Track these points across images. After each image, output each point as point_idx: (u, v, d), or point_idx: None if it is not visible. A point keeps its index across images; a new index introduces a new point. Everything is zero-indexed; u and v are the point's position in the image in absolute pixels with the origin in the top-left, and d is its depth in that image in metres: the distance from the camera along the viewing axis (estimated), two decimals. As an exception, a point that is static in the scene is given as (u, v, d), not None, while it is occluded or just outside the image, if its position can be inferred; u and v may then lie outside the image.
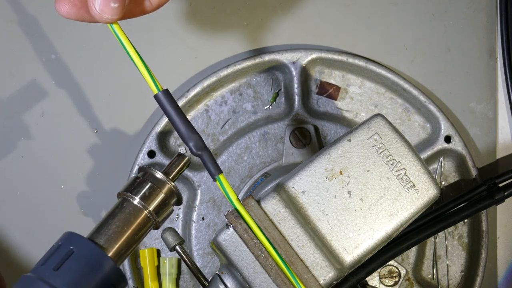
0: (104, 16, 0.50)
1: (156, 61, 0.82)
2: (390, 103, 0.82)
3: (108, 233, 0.50)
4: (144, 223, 0.52)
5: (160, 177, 0.53)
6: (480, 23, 0.84)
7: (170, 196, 0.53)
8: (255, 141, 0.81)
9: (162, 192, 0.53)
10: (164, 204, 0.53)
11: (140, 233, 0.51)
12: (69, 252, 0.48)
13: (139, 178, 0.53)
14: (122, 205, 0.52)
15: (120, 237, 0.50)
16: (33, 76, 0.82)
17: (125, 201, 0.52)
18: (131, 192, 0.52)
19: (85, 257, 0.48)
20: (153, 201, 0.52)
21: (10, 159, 0.81)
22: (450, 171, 0.82)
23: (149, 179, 0.53)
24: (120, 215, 0.51)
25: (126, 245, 0.51)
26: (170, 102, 0.52)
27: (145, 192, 0.52)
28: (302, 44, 0.83)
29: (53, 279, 0.46)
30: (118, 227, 0.50)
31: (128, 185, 0.53)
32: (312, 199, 0.56)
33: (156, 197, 0.52)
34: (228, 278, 0.57)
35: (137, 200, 0.52)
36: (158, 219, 0.53)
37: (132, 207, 0.52)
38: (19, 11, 0.82)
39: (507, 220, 0.82)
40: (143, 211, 0.52)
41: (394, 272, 0.77)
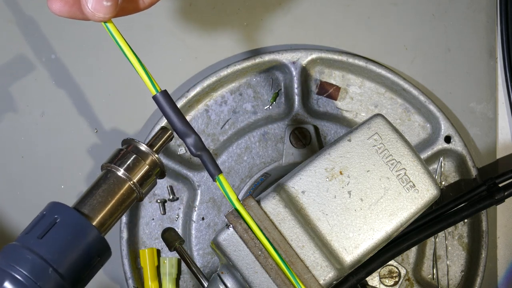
0: (96, 15, 0.50)
1: (156, 61, 0.82)
2: (390, 103, 0.82)
3: (92, 203, 0.50)
4: (128, 194, 0.52)
5: (144, 149, 0.53)
6: (480, 23, 0.84)
7: (154, 168, 0.53)
8: (255, 141, 0.81)
9: (146, 164, 0.53)
10: (148, 176, 0.53)
11: (124, 203, 0.52)
12: (53, 221, 0.48)
13: (123, 149, 0.53)
14: (106, 176, 0.52)
15: (104, 207, 0.50)
16: (33, 76, 0.82)
17: (109, 172, 0.52)
18: (115, 164, 0.52)
19: (70, 225, 0.48)
20: (137, 173, 0.52)
21: (10, 159, 0.81)
22: (450, 171, 0.82)
23: (133, 151, 0.53)
24: (104, 185, 0.51)
25: (110, 215, 0.51)
26: (169, 103, 0.52)
27: (129, 163, 0.52)
28: (302, 44, 0.83)
29: (38, 247, 0.46)
30: (102, 197, 0.50)
31: (112, 156, 0.53)
32: (312, 199, 0.56)
33: (140, 168, 0.53)
34: (228, 278, 0.57)
35: (122, 171, 0.52)
36: (142, 190, 0.53)
37: (116, 178, 0.52)
38: (19, 11, 0.82)
39: (507, 220, 0.82)
40: (127, 182, 0.52)
41: (394, 272, 0.77)
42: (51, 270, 0.46)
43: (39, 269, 0.45)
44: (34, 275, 0.45)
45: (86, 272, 0.48)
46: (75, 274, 0.47)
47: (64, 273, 0.46)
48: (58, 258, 0.46)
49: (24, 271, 0.45)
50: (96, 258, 0.49)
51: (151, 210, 0.80)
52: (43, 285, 0.45)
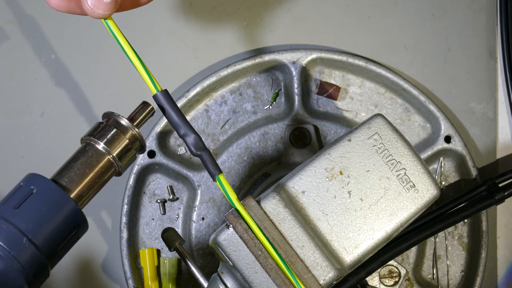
0: (96, 12, 0.50)
1: (156, 61, 0.82)
2: (390, 103, 0.82)
3: (70, 175, 0.50)
4: (107, 167, 0.51)
5: (124, 124, 0.53)
6: (480, 23, 0.84)
7: (133, 142, 0.53)
8: (255, 141, 0.81)
9: (126, 138, 0.52)
10: (127, 150, 0.52)
11: (102, 177, 0.51)
12: (29, 191, 0.47)
13: (103, 123, 0.53)
14: (85, 149, 0.52)
15: (82, 179, 0.50)
16: (33, 76, 0.82)
17: (88, 145, 0.52)
18: (95, 137, 0.52)
19: (46, 196, 0.47)
20: (116, 147, 0.52)
21: (10, 159, 0.81)
22: (450, 171, 0.82)
23: (113, 124, 0.53)
24: (83, 158, 0.51)
25: (88, 188, 0.50)
26: (169, 102, 0.52)
27: (109, 137, 0.52)
28: (302, 44, 0.83)
29: (13, 217, 0.46)
30: (80, 169, 0.50)
31: (92, 130, 0.53)
32: (312, 199, 0.56)
33: (120, 142, 0.52)
34: (228, 278, 0.57)
35: (101, 145, 0.51)
36: (121, 164, 0.52)
37: (95, 151, 0.51)
38: (19, 11, 0.82)
39: (507, 220, 0.82)
40: (106, 156, 0.51)
41: (394, 272, 0.77)
42: (25, 240, 0.45)
43: (14, 239, 0.45)
44: (8, 245, 0.44)
45: (62, 244, 0.47)
46: (51, 245, 0.46)
47: (39, 243, 0.45)
48: (33, 229, 0.46)
49: None
50: (72, 230, 0.48)
51: (151, 210, 0.80)
52: (18, 255, 0.44)
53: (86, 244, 0.81)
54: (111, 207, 0.81)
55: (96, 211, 0.81)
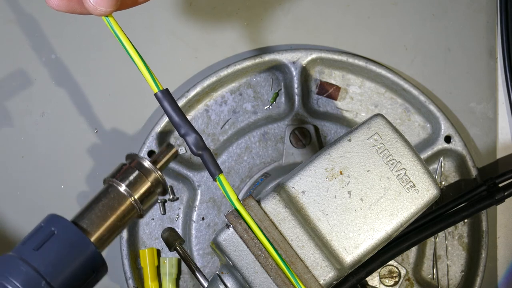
0: (98, 9, 0.49)
1: (156, 61, 0.82)
2: (390, 103, 0.82)
3: (91, 218, 0.50)
4: (129, 210, 0.51)
5: (148, 166, 0.53)
6: (480, 23, 0.84)
7: (156, 185, 0.53)
8: (255, 141, 0.81)
9: (148, 181, 0.52)
10: (149, 193, 0.52)
11: (123, 220, 0.51)
12: (50, 233, 0.47)
13: (126, 165, 0.53)
14: (107, 190, 0.51)
15: (103, 222, 0.50)
16: (33, 76, 0.82)
17: (111, 187, 0.51)
18: (117, 179, 0.52)
19: (66, 238, 0.47)
20: (138, 189, 0.52)
21: (10, 159, 0.81)
22: (450, 171, 0.82)
23: (136, 166, 0.53)
24: (105, 200, 0.51)
25: (108, 231, 0.50)
26: (170, 102, 0.52)
27: (131, 179, 0.52)
28: (302, 44, 0.83)
29: (32, 258, 0.46)
30: (102, 212, 0.50)
31: (115, 171, 0.53)
32: (312, 199, 0.56)
33: (142, 185, 0.52)
34: (228, 278, 0.57)
35: (123, 187, 0.51)
36: (143, 207, 0.52)
37: (117, 194, 0.51)
38: (19, 11, 0.82)
39: (507, 220, 0.82)
40: (128, 198, 0.51)
41: (394, 272, 0.77)
42: (44, 283, 0.45)
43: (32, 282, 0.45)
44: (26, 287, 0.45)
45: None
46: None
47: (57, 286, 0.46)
48: (52, 271, 0.46)
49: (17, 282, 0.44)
50: (91, 274, 0.48)
51: (151, 210, 0.80)
52: None
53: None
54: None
55: (96, 211, 0.81)
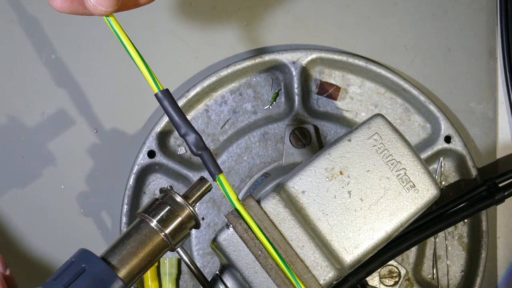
0: (98, 8, 0.49)
1: (156, 61, 0.82)
2: (390, 103, 0.82)
3: (121, 254, 0.50)
4: (160, 245, 0.52)
5: (179, 201, 0.53)
6: (480, 23, 0.84)
7: (188, 220, 0.53)
8: (255, 141, 0.81)
9: (179, 216, 0.52)
10: (181, 228, 0.52)
11: (154, 255, 0.51)
12: (81, 270, 0.48)
13: (158, 200, 0.53)
14: (139, 226, 0.52)
15: (133, 259, 0.50)
16: (33, 76, 0.82)
17: (142, 222, 0.52)
18: (149, 214, 0.52)
19: (96, 276, 0.48)
20: (170, 225, 0.52)
21: (10, 159, 0.81)
22: (450, 171, 0.82)
23: (168, 202, 0.53)
24: (136, 236, 0.51)
25: (138, 267, 0.50)
26: (170, 102, 0.52)
27: (163, 215, 0.52)
28: (302, 44, 0.83)
29: None
30: (133, 248, 0.50)
31: (147, 206, 0.53)
32: (312, 199, 0.56)
33: (173, 220, 0.52)
34: (228, 278, 0.57)
35: (154, 222, 0.52)
36: (174, 242, 0.52)
37: (149, 229, 0.51)
38: (19, 11, 0.82)
39: (507, 220, 0.82)
40: (159, 234, 0.51)
41: (394, 272, 0.77)
42: None
43: None
44: None
45: None
46: None
47: None
48: None
49: None
50: None
51: (151, 210, 0.80)
52: None
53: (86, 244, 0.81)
54: (111, 207, 0.81)
55: (96, 211, 0.81)
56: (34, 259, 0.81)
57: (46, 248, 0.81)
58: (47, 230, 0.81)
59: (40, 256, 0.81)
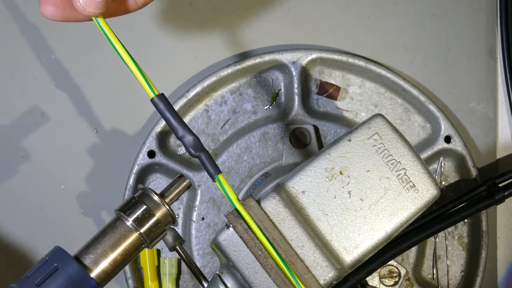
0: (87, 9, 0.50)
1: (156, 61, 0.82)
2: (390, 103, 0.82)
3: (95, 252, 0.50)
4: (135, 244, 0.52)
5: (156, 200, 0.53)
6: (480, 23, 0.84)
7: (164, 219, 0.53)
8: (255, 141, 0.81)
9: (155, 215, 0.53)
10: (156, 227, 0.53)
11: (129, 254, 0.51)
12: (53, 269, 0.48)
13: (135, 198, 0.53)
14: (115, 224, 0.52)
15: (107, 258, 0.50)
16: (33, 76, 0.82)
17: (118, 221, 0.52)
18: (125, 213, 0.52)
19: (68, 276, 0.48)
20: (145, 224, 0.52)
21: (10, 159, 0.81)
22: (450, 171, 0.82)
23: (144, 200, 0.53)
24: (111, 234, 0.51)
25: (112, 267, 0.51)
26: (166, 106, 0.52)
27: (138, 214, 0.52)
28: (302, 44, 0.83)
29: None
30: (107, 246, 0.51)
31: (124, 204, 0.53)
32: (312, 199, 0.56)
33: (149, 219, 0.52)
34: (228, 278, 0.57)
35: (130, 221, 0.52)
36: (149, 240, 0.52)
37: (124, 228, 0.52)
38: (19, 11, 0.82)
39: (507, 220, 0.82)
40: (134, 233, 0.52)
41: (394, 272, 0.77)
42: None
43: None
44: None
45: None
46: None
47: None
48: None
49: None
50: None
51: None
52: None
53: (86, 244, 0.81)
54: (111, 207, 0.81)
55: (96, 211, 0.81)
56: (35, 259, 0.81)
57: (46, 248, 0.81)
58: (47, 230, 0.81)
59: (40, 256, 0.81)
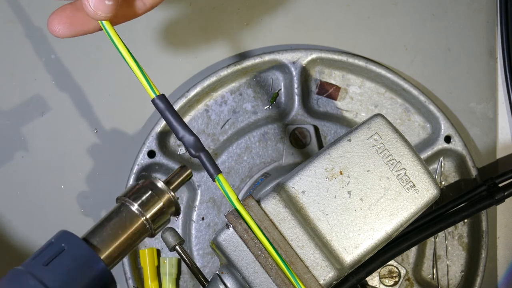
0: (98, 13, 0.51)
1: (156, 61, 0.82)
2: (390, 103, 0.82)
3: (102, 235, 0.50)
4: (140, 229, 0.52)
5: (161, 186, 0.53)
6: (480, 23, 0.84)
7: (169, 206, 0.53)
8: (255, 141, 0.81)
9: (161, 201, 0.53)
10: (161, 213, 0.53)
11: (134, 239, 0.51)
12: (60, 249, 0.48)
13: (139, 184, 0.53)
14: (120, 209, 0.52)
15: (113, 241, 0.50)
16: (33, 76, 0.82)
17: (123, 206, 0.52)
18: (130, 198, 0.52)
19: (76, 255, 0.47)
20: (150, 209, 0.52)
21: (10, 159, 0.81)
22: (450, 171, 0.82)
23: (149, 186, 0.53)
24: (116, 219, 0.51)
25: (118, 249, 0.50)
26: (167, 106, 0.52)
27: (144, 199, 0.52)
28: (302, 44, 0.83)
29: (41, 273, 0.46)
30: (113, 230, 0.50)
31: (128, 190, 0.53)
32: (312, 199, 0.56)
33: (154, 205, 0.52)
34: (228, 278, 0.57)
35: (135, 206, 0.52)
36: (154, 227, 0.52)
37: (129, 213, 0.51)
38: (19, 11, 0.82)
39: (507, 220, 0.82)
40: (139, 218, 0.51)
41: (394, 272, 0.77)
42: None
43: None
44: None
45: None
46: None
47: None
48: (60, 287, 0.46)
49: None
50: None
51: (151, 210, 0.80)
52: None
53: (86, 244, 0.81)
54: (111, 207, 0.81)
55: (96, 211, 0.81)
56: (34, 259, 0.81)
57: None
58: (47, 230, 0.81)
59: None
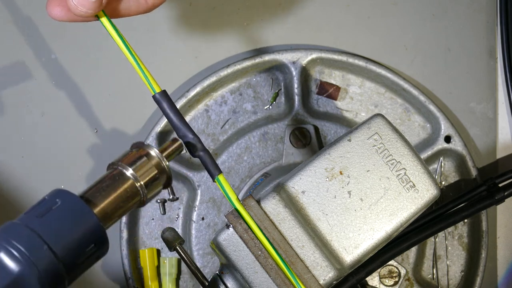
0: (79, 8, 0.50)
1: (156, 61, 0.82)
2: (390, 103, 0.82)
3: (95, 195, 0.50)
4: (132, 193, 0.51)
5: (155, 154, 0.53)
6: (480, 23, 0.84)
7: (162, 173, 0.53)
8: (255, 141, 0.81)
9: (154, 167, 0.53)
10: (154, 180, 0.53)
11: (127, 202, 0.51)
12: (53, 203, 0.48)
13: (133, 151, 0.53)
14: (113, 173, 0.52)
15: (107, 199, 0.50)
16: (33, 76, 0.82)
17: (116, 170, 0.52)
18: (124, 162, 0.52)
19: (70, 208, 0.48)
20: (144, 175, 0.52)
21: (10, 159, 0.81)
22: (450, 171, 0.82)
23: (143, 153, 0.53)
24: (109, 181, 0.51)
25: (111, 208, 0.50)
26: (168, 104, 0.52)
27: (138, 165, 0.52)
28: (302, 44, 0.83)
29: (35, 225, 0.46)
30: (106, 191, 0.50)
31: (122, 156, 0.53)
32: (312, 199, 0.56)
33: (148, 171, 0.52)
34: (228, 278, 0.57)
35: (130, 171, 0.52)
36: (146, 193, 0.52)
37: (123, 176, 0.51)
38: (19, 11, 0.82)
39: (507, 220, 0.82)
40: (133, 183, 0.51)
41: (394, 272, 0.77)
42: (46, 247, 0.46)
43: (34, 245, 0.46)
44: (28, 250, 0.45)
45: (81, 259, 0.48)
46: (70, 256, 0.47)
47: (58, 252, 0.46)
48: (54, 237, 0.46)
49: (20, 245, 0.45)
50: (92, 246, 0.49)
51: (151, 210, 0.80)
52: (37, 261, 0.45)
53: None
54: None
55: (96, 211, 0.81)
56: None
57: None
58: (47, 230, 0.81)
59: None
